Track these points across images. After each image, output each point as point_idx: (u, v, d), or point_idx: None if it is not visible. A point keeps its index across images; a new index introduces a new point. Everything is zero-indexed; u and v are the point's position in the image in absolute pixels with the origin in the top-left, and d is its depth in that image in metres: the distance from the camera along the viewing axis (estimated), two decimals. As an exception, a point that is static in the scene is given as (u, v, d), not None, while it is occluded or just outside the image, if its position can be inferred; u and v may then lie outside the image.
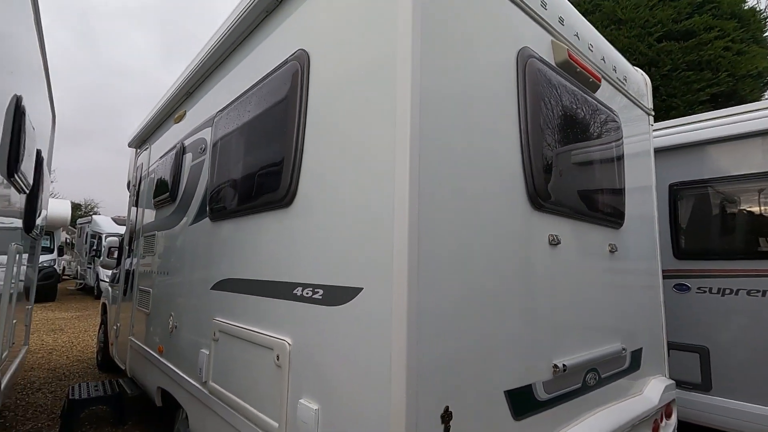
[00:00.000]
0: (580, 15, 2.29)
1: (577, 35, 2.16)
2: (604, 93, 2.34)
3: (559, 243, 1.82)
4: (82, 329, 8.50)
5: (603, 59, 2.38)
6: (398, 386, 1.20)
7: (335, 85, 1.66)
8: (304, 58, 1.82)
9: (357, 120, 1.52)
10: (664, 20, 7.74)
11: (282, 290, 1.73)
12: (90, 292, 15.22)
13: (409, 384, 1.20)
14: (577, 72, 2.07)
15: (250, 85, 2.23)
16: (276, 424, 1.64)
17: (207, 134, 2.73)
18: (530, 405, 1.58)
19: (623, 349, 2.17)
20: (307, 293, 1.59)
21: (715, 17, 7.73)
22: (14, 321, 3.01)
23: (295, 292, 1.66)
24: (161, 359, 2.98)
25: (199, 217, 2.69)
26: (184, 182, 3.06)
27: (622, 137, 2.45)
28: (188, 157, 3.04)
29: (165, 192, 3.36)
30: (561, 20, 2.04)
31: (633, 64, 8.98)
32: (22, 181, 2.49)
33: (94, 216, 16.19)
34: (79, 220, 18.41)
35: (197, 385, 2.35)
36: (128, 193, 4.95)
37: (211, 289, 2.36)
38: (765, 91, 9.46)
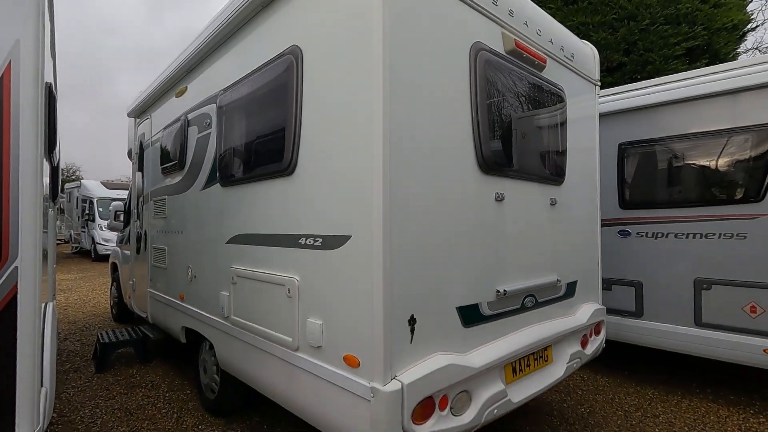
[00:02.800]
0: (531, 4, 2.68)
1: (526, 23, 2.56)
2: (551, 71, 2.78)
3: (503, 198, 2.34)
4: (89, 288, 9.04)
5: (551, 41, 2.80)
6: (377, 301, 1.74)
7: (324, 74, 2.08)
8: (298, 52, 2.22)
9: (343, 103, 1.96)
10: (644, -27, 7.90)
11: (289, 240, 2.25)
12: (87, 255, 15.64)
13: (385, 300, 1.74)
14: (524, 57, 2.50)
15: (250, 71, 2.61)
16: (290, 338, 2.20)
17: (211, 110, 3.12)
18: (476, 318, 2.16)
19: (558, 280, 2.77)
20: (310, 242, 2.11)
21: (693, -31, 7.94)
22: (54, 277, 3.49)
23: (300, 241, 2.18)
24: (183, 304, 3.52)
25: (209, 183, 3.13)
26: (191, 152, 3.47)
27: (565, 107, 2.91)
28: (193, 129, 3.43)
29: (173, 161, 3.77)
30: (511, 12, 2.44)
31: (613, 18, 9.20)
32: (54, 156, 2.88)
33: (83, 181, 16.25)
34: (68, 185, 18.45)
35: (220, 320, 2.91)
36: (130, 161, 5.30)
37: (226, 243, 2.86)
38: (739, 44, 9.81)
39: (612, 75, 8.80)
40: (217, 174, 2.99)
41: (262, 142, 2.52)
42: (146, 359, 4.45)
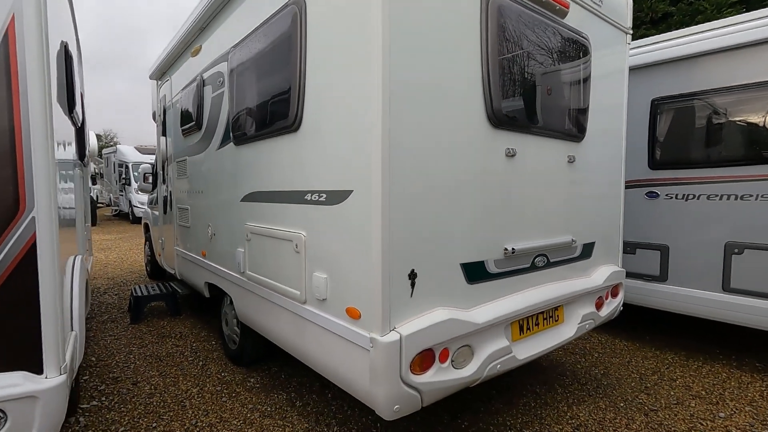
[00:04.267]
0: (554, -59, 2.45)
1: (547, -37, 2.36)
2: (574, 17, 2.58)
3: (515, 154, 2.25)
4: (127, 248, 9.56)
5: (576, -17, 2.58)
6: (376, 255, 1.75)
7: (327, 25, 2.01)
8: (302, 2, 2.15)
9: (345, 54, 1.90)
10: None
11: (297, 197, 2.26)
12: (125, 217, 16.46)
13: (384, 253, 1.74)
14: (543, 1, 2.32)
15: (257, 25, 2.56)
16: (298, 292, 2.27)
17: (223, 68, 3.11)
18: (482, 275, 2.14)
19: (573, 240, 2.68)
20: (315, 197, 2.12)
21: None
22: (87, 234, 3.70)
23: (306, 197, 2.19)
24: (205, 261, 3.67)
25: (224, 142, 3.17)
26: (207, 112, 3.50)
27: (590, 59, 2.72)
28: (209, 89, 3.44)
29: (191, 121, 3.82)
30: (530, -49, 2.25)
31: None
32: (76, 117, 2.98)
33: (118, 146, 16.88)
34: (105, 150, 19.22)
35: (237, 275, 3.02)
36: (154, 123, 5.42)
37: (240, 201, 2.92)
38: (807, -13, 8.80)
39: (656, 27, 8.13)
40: (231, 133, 3.02)
41: (270, 98, 2.50)
42: (176, 312, 4.72)
